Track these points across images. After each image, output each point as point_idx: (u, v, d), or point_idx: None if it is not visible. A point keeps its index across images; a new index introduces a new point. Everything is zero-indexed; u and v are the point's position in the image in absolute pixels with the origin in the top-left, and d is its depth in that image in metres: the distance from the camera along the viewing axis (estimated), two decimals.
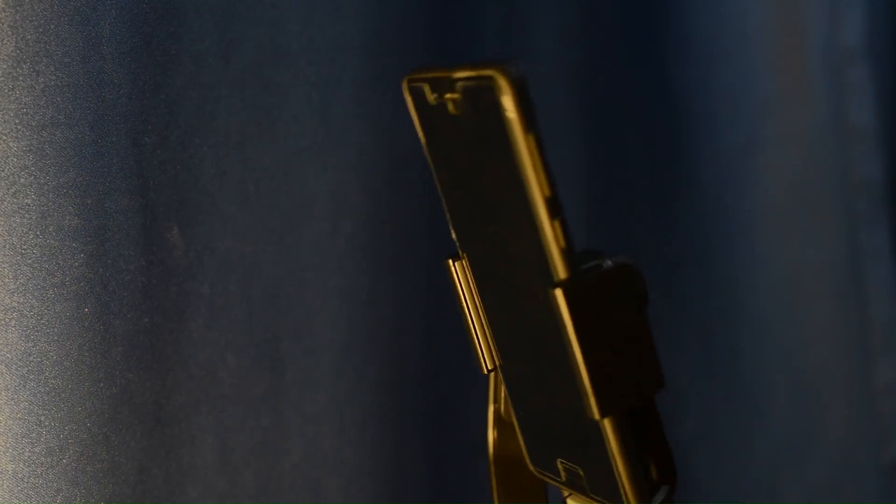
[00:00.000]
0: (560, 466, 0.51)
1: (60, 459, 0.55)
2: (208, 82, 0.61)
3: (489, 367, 0.51)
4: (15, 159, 0.54)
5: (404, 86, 0.46)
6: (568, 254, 0.44)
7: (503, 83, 0.41)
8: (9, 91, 0.53)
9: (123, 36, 0.57)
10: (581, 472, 0.49)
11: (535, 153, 0.42)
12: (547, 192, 0.43)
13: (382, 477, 0.70)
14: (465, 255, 0.50)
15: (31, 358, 0.54)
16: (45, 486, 0.55)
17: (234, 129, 0.62)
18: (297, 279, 0.66)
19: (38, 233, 0.54)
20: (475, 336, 0.51)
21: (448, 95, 0.45)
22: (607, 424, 0.46)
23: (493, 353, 0.51)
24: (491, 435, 0.56)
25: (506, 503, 0.56)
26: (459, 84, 0.43)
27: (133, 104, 0.57)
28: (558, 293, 0.43)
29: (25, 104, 0.54)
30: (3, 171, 0.53)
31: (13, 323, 0.54)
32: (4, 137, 0.53)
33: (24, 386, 0.54)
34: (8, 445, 0.54)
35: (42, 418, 0.55)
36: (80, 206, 0.55)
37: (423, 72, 0.45)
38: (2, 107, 0.53)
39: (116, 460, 0.57)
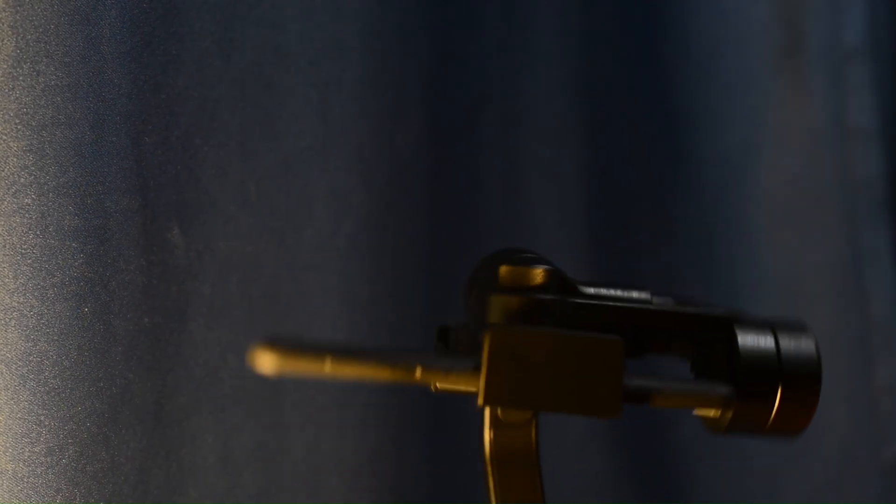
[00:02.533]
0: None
1: (60, 459, 0.55)
2: (209, 82, 0.61)
3: None
4: (15, 159, 0.54)
5: None
6: (452, 373, 0.45)
7: (269, 367, 0.43)
8: (9, 91, 0.53)
9: (123, 36, 0.57)
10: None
11: (345, 366, 0.44)
12: (386, 370, 0.45)
13: (382, 477, 0.70)
14: None
15: (30, 358, 0.54)
16: (44, 485, 0.55)
17: (234, 129, 0.62)
18: (297, 279, 0.66)
19: (38, 233, 0.54)
20: None
21: None
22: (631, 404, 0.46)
23: None
24: (487, 435, 0.56)
25: (504, 503, 0.56)
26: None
27: (133, 104, 0.57)
28: (483, 405, 0.45)
29: (25, 104, 0.54)
30: (3, 171, 0.53)
31: (13, 323, 0.54)
32: (4, 137, 0.53)
33: (24, 386, 0.54)
34: (8, 445, 0.54)
35: (42, 418, 0.55)
36: (80, 206, 0.55)
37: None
38: (2, 107, 0.53)
39: (116, 460, 0.57)
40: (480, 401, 0.44)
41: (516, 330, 0.45)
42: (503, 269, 0.49)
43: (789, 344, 0.51)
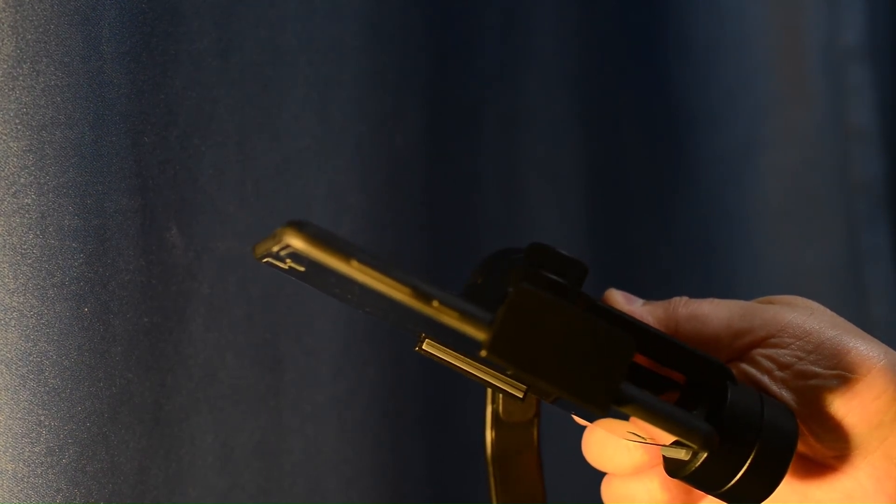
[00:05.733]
0: (633, 435, 0.51)
1: (60, 459, 0.55)
2: (207, 82, 0.61)
3: (521, 396, 0.51)
4: (15, 159, 0.54)
5: (264, 263, 0.47)
6: (467, 317, 0.44)
7: (299, 244, 0.43)
8: (9, 91, 0.53)
9: (123, 36, 0.57)
10: (645, 438, 0.50)
11: (369, 271, 0.43)
12: (406, 290, 0.43)
13: (382, 477, 0.70)
14: (422, 335, 0.50)
15: (31, 358, 0.54)
16: (44, 485, 0.55)
17: (233, 129, 0.62)
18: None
19: (38, 233, 0.54)
20: (491, 383, 0.51)
21: (288, 262, 0.46)
22: (618, 409, 0.46)
23: (514, 383, 0.51)
24: (489, 435, 0.56)
25: (505, 503, 0.56)
26: (282, 254, 0.45)
27: (133, 104, 0.57)
28: (486, 355, 0.44)
29: (25, 104, 0.54)
30: (3, 171, 0.53)
31: (13, 323, 0.54)
32: (4, 137, 0.53)
33: (24, 386, 0.54)
34: (8, 445, 0.54)
35: (42, 418, 0.55)
36: (80, 206, 0.55)
37: (257, 247, 0.47)
38: (2, 107, 0.53)
39: (116, 460, 0.57)
40: (484, 352, 0.44)
41: (543, 295, 0.45)
42: (538, 248, 0.49)
43: (773, 411, 0.51)
